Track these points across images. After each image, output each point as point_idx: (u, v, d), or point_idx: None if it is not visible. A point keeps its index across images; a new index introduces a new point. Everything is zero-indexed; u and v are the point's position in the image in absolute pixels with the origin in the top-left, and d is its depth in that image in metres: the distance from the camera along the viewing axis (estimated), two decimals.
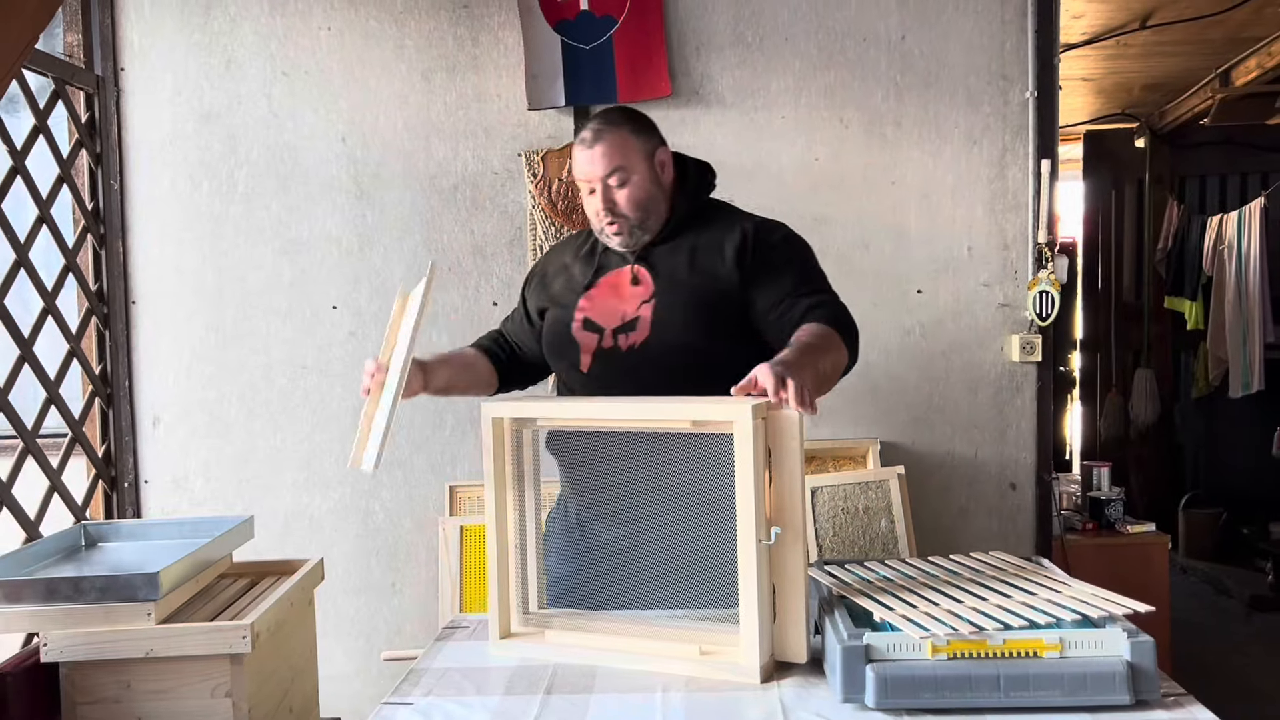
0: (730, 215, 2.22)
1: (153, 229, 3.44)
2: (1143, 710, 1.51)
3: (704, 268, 2.11)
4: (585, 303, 2.16)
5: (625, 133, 2.12)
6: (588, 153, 2.10)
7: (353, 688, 3.38)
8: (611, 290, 2.16)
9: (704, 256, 2.12)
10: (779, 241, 2.14)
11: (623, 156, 2.10)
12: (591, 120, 2.17)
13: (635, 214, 2.11)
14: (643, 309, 2.10)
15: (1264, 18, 4.66)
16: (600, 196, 2.11)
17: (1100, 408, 6.75)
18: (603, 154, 2.09)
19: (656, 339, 2.07)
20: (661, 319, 2.07)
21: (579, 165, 2.13)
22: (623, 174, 2.10)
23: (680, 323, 2.06)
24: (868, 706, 1.53)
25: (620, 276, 2.16)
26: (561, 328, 2.17)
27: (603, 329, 2.12)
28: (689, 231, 2.16)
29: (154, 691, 2.02)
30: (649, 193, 2.13)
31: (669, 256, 2.14)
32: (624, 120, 2.15)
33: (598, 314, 2.14)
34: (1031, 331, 3.37)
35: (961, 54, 3.37)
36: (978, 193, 3.39)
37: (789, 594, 1.66)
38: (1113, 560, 3.66)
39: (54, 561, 2.26)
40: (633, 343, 2.08)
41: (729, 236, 2.13)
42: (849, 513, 3.11)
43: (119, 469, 3.42)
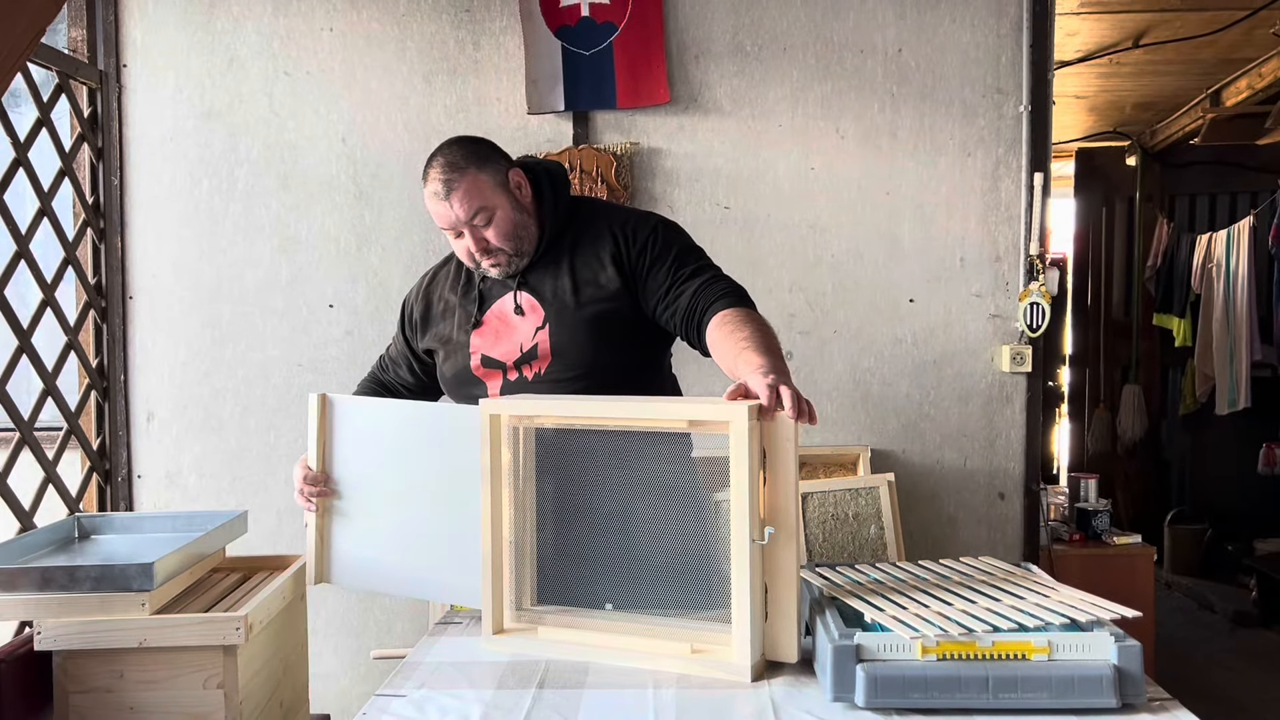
0: (596, 217, 2.20)
1: (152, 225, 3.46)
2: (1129, 714, 1.52)
3: (587, 281, 2.11)
4: (478, 340, 2.16)
5: (473, 173, 2.07)
6: (443, 205, 2.06)
7: (341, 685, 3.39)
8: (501, 323, 2.15)
9: (583, 270, 2.12)
10: (649, 234, 2.14)
11: (480, 197, 2.06)
12: (433, 167, 2.09)
13: (509, 245, 2.10)
14: (538, 337, 2.11)
15: (1254, 39, 4.71)
16: (470, 238, 2.08)
17: (1088, 423, 6.79)
18: (459, 202, 2.05)
19: (559, 363, 2.09)
20: (559, 344, 2.09)
21: (440, 217, 2.09)
22: (485, 214, 2.07)
23: (579, 343, 2.09)
24: (857, 705, 1.54)
25: (505, 308, 2.16)
26: (461, 369, 2.17)
27: (504, 364, 2.13)
28: (561, 243, 2.16)
29: (146, 682, 2.02)
30: (515, 220, 2.11)
31: (549, 277, 2.14)
32: (467, 161, 2.08)
33: (494, 350, 2.14)
34: (1022, 342, 3.40)
35: (957, 67, 3.41)
36: (971, 204, 3.42)
37: (781, 594, 1.68)
38: (1098, 571, 3.69)
39: (47, 552, 2.26)
40: (537, 370, 2.11)
41: (602, 243, 2.13)
42: (839, 519, 3.13)
43: (113, 463, 3.43)
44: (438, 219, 2.10)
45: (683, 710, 1.56)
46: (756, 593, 1.65)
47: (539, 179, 2.19)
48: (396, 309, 3.40)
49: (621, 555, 1.81)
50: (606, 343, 2.10)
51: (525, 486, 1.87)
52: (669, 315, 2.09)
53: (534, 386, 2.10)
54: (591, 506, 1.82)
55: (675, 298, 2.07)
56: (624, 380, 2.11)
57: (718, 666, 1.67)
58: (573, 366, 2.09)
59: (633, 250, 2.11)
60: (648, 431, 1.76)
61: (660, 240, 2.13)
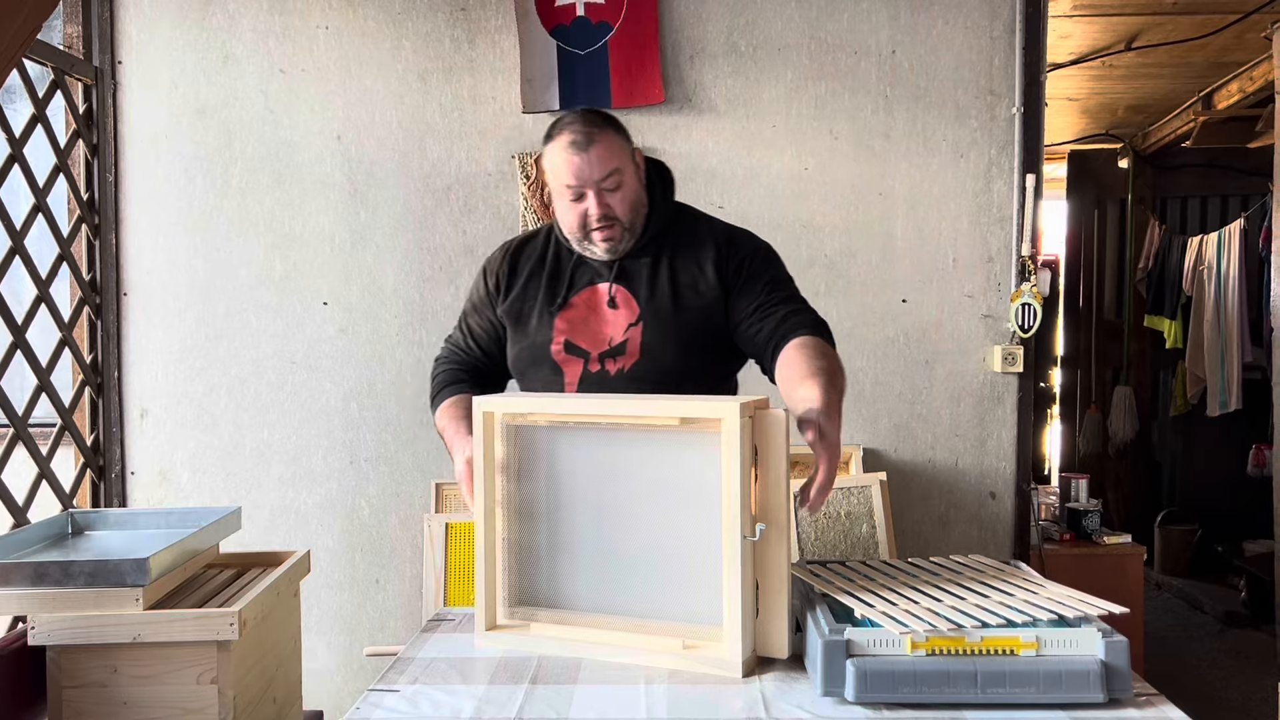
0: (696, 222, 2.17)
1: (146, 221, 3.46)
2: (1116, 708, 1.54)
3: (687, 285, 2.08)
4: (562, 323, 2.10)
5: (612, 133, 2.04)
6: (582, 156, 2.00)
7: (335, 683, 3.40)
8: (590, 311, 2.10)
9: (683, 273, 2.09)
10: (751, 251, 2.12)
11: (617, 158, 2.03)
12: (570, 121, 2.04)
13: (629, 216, 2.05)
14: (630, 333, 2.06)
15: (1246, 43, 4.73)
16: (594, 201, 2.02)
17: (1079, 424, 6.81)
18: (599, 156, 2.00)
19: (647, 363, 2.05)
20: (651, 344, 2.05)
21: (570, 170, 2.01)
22: (617, 176, 2.02)
23: (671, 347, 2.05)
24: (847, 700, 1.56)
25: (596, 296, 2.10)
26: (539, 351, 2.11)
27: (587, 353, 2.08)
28: (661, 242, 2.12)
29: (140, 677, 2.02)
30: (638, 194, 2.08)
31: (646, 273, 2.10)
32: (606, 122, 2.06)
33: (580, 337, 2.09)
34: (1013, 343, 3.42)
35: (951, 69, 3.42)
36: (963, 205, 3.44)
37: (772, 590, 1.69)
38: (1089, 570, 3.71)
39: (41, 548, 2.26)
40: (621, 367, 2.06)
41: (704, 250, 2.10)
42: (830, 517, 3.15)
43: (107, 459, 3.43)
44: (565, 174, 2.01)
45: (674, 706, 1.57)
46: (748, 589, 1.67)
47: (650, 171, 2.16)
48: (390, 307, 3.46)
49: (615, 554, 1.82)
50: (696, 350, 2.07)
51: (520, 484, 1.88)
52: (751, 334, 2.06)
53: (614, 382, 2.06)
54: (586, 504, 1.83)
55: (763, 318, 2.04)
56: (701, 391, 2.06)
57: (709, 663, 1.68)
58: (659, 368, 2.05)
59: (733, 262, 2.09)
60: (643, 428, 1.77)
61: (760, 259, 2.11)
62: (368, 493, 3.49)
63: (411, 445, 3.47)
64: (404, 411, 3.46)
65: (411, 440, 3.47)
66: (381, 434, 3.48)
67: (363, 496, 3.49)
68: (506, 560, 1.85)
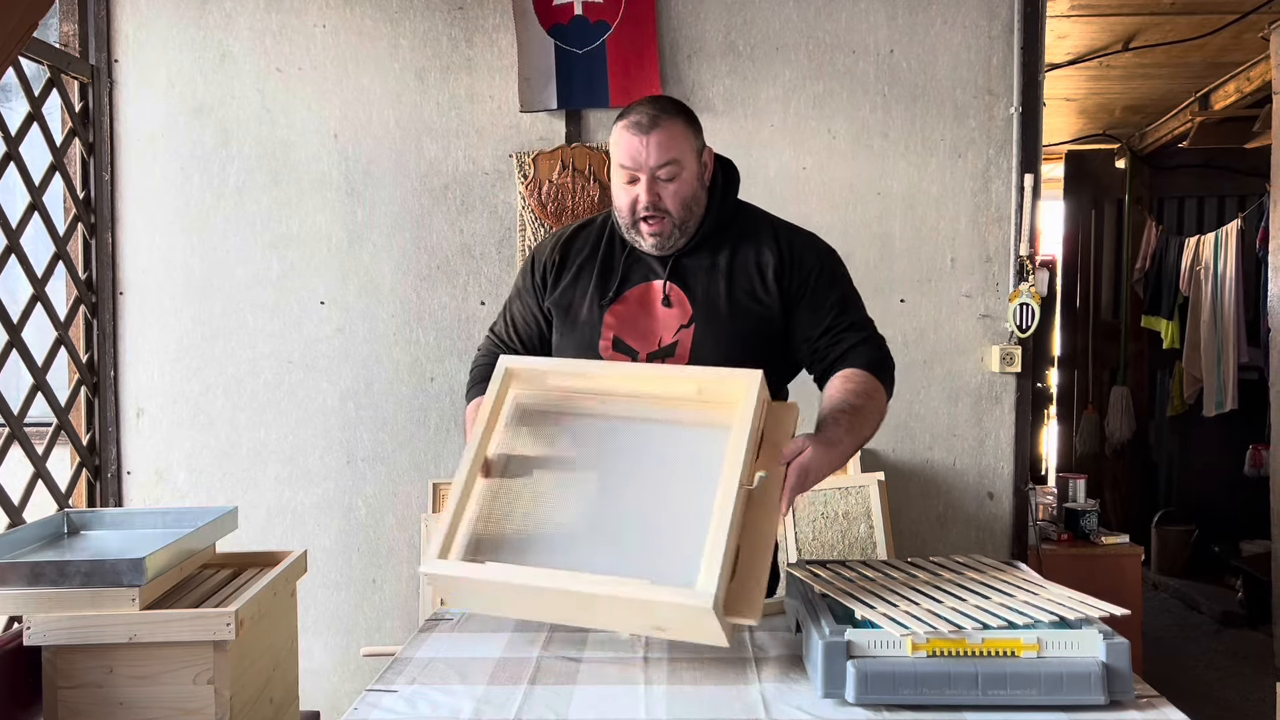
0: (756, 222, 2.09)
1: (143, 220, 3.45)
2: (1117, 710, 1.54)
3: (743, 290, 2.01)
4: (612, 319, 2.03)
5: (680, 124, 1.96)
6: (642, 138, 1.92)
7: (331, 683, 3.39)
8: (641, 308, 2.03)
9: (741, 276, 2.02)
10: (816, 264, 2.03)
11: (677, 149, 1.94)
12: (643, 105, 1.97)
13: (680, 212, 1.97)
14: (681, 335, 2.00)
15: (1243, 43, 4.74)
16: (645, 188, 1.94)
17: (1076, 424, 6.81)
18: (659, 143, 1.92)
19: (695, 366, 1.98)
20: (702, 348, 1.99)
21: (627, 150, 1.94)
22: (674, 167, 1.94)
23: (722, 353, 1.97)
24: (848, 702, 1.55)
25: (649, 293, 2.03)
26: (587, 345, 2.04)
27: (636, 352, 2.01)
28: (720, 240, 2.05)
29: (136, 677, 2.02)
30: (695, 192, 1.99)
31: (702, 273, 2.02)
32: (677, 111, 1.98)
33: (629, 334, 2.02)
34: (1011, 343, 3.42)
35: (949, 69, 3.42)
36: (961, 205, 3.44)
37: (755, 559, 1.66)
38: (1086, 571, 3.71)
39: (36, 547, 2.26)
40: None
41: (764, 254, 2.03)
42: (829, 517, 3.14)
43: (103, 459, 3.42)
44: (622, 154, 1.95)
45: (673, 706, 1.56)
46: (734, 530, 1.60)
47: (717, 171, 2.08)
48: (387, 306, 3.45)
49: (598, 518, 1.74)
50: (749, 358, 1.92)
51: (520, 440, 1.83)
52: (814, 355, 2.02)
53: None
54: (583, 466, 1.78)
55: (830, 343, 2.00)
56: None
57: (679, 594, 1.56)
58: None
59: (798, 273, 2.01)
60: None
61: (825, 272, 2.03)
62: (364, 492, 3.48)
63: (408, 445, 3.46)
64: (401, 411, 3.45)
65: (408, 440, 3.46)
66: (378, 434, 3.48)
67: (360, 496, 3.49)
68: (480, 508, 1.77)
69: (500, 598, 1.71)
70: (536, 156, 3.40)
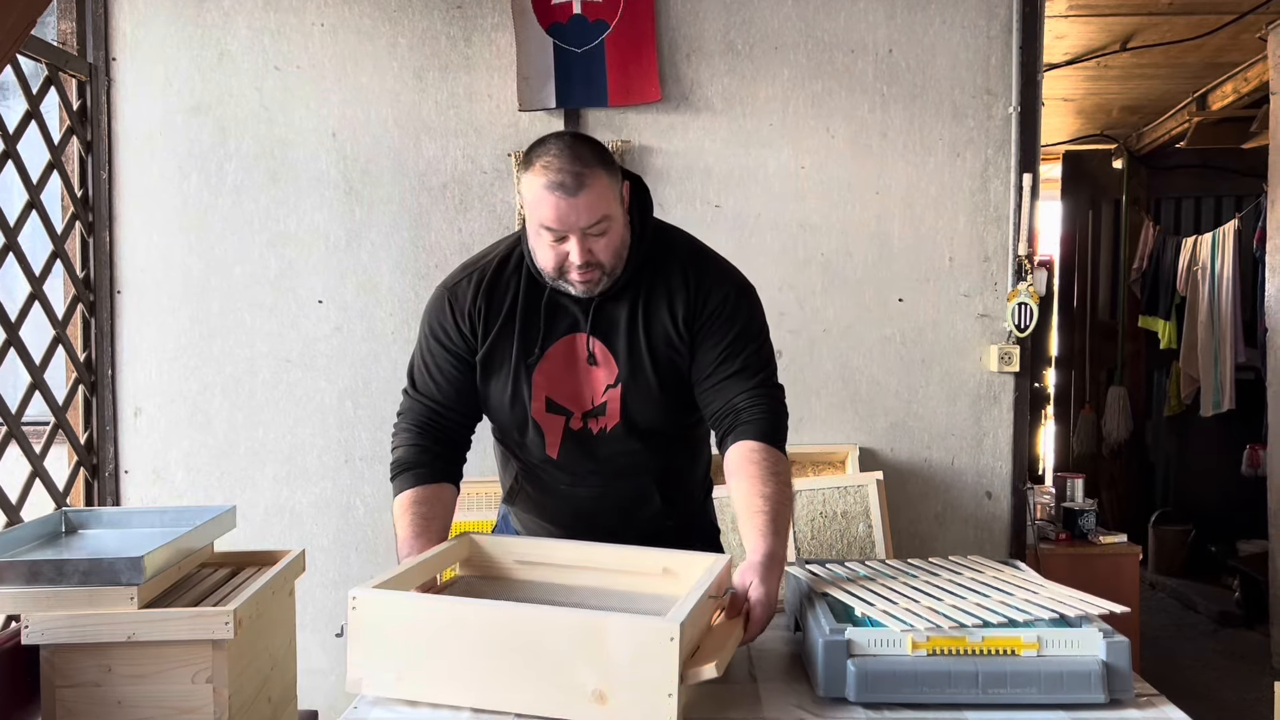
0: (670, 254, 1.97)
1: (140, 219, 3.45)
2: (1117, 709, 1.54)
3: (661, 340, 1.92)
4: (541, 379, 1.93)
5: (603, 175, 1.79)
6: (569, 201, 1.76)
7: (329, 682, 3.38)
8: (566, 366, 1.94)
9: (656, 324, 1.92)
10: (720, 302, 1.93)
11: (606, 204, 1.80)
12: (556, 156, 1.78)
13: (612, 261, 1.86)
14: (609, 394, 1.93)
15: (1240, 44, 4.75)
16: (578, 248, 1.80)
17: (1074, 424, 6.82)
18: (588, 204, 1.77)
19: (627, 423, 1.95)
20: (631, 406, 1.93)
21: (553, 214, 1.77)
22: (606, 223, 1.81)
23: (651, 410, 1.94)
24: (849, 701, 1.56)
25: (574, 348, 1.93)
26: (520, 410, 1.95)
27: (570, 412, 1.95)
28: (639, 277, 1.93)
29: (135, 676, 2.01)
30: (624, 238, 1.88)
31: (624, 322, 1.92)
32: (597, 160, 1.81)
33: (560, 395, 1.94)
34: (1010, 342, 3.42)
35: (947, 68, 3.42)
36: (960, 204, 3.44)
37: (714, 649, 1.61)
38: (1084, 570, 3.71)
39: (34, 546, 2.25)
40: (603, 426, 1.96)
41: (674, 295, 1.93)
42: (827, 516, 3.14)
43: (100, 458, 3.42)
44: (547, 214, 1.78)
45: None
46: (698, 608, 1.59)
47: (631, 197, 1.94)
48: (385, 305, 3.45)
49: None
50: (676, 409, 1.96)
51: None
52: (704, 400, 1.95)
53: (596, 441, 1.97)
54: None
55: (714, 389, 1.92)
56: (680, 439, 2.07)
57: (641, 620, 1.52)
58: (639, 429, 1.96)
59: (702, 313, 1.92)
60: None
61: (728, 311, 1.93)
62: (363, 492, 3.48)
63: None
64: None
65: None
66: (376, 432, 3.47)
67: (358, 495, 3.48)
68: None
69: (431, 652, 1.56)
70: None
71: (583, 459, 1.98)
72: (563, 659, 1.48)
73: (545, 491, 2.07)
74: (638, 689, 1.46)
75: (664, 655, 1.44)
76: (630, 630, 1.47)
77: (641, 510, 2.06)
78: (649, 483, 2.04)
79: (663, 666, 1.44)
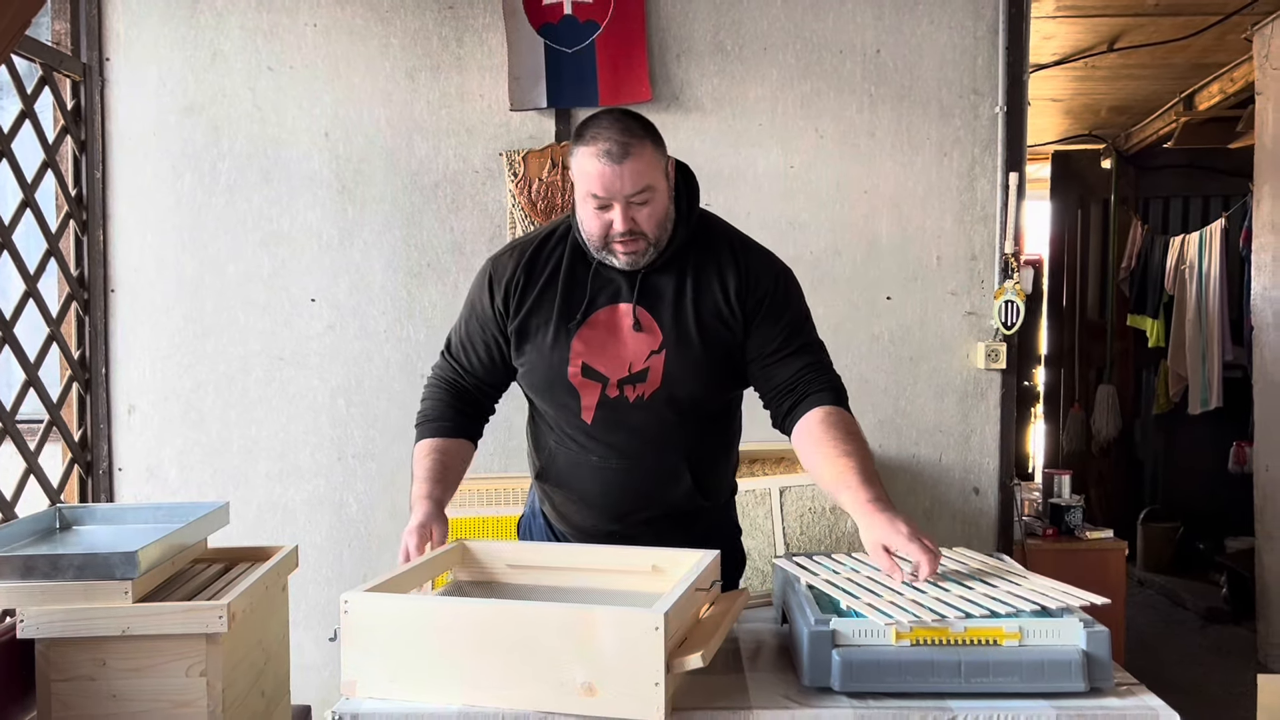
0: (717, 238, 2.04)
1: (134, 218, 3.46)
2: (1097, 697, 1.57)
3: (710, 313, 1.98)
4: (580, 345, 1.97)
5: (650, 147, 1.88)
6: (615, 168, 1.84)
7: (322, 678, 3.40)
8: (609, 333, 1.98)
9: (706, 298, 1.98)
10: (772, 284, 2.01)
11: (651, 174, 1.87)
12: (605, 127, 1.87)
13: (656, 233, 1.92)
14: (652, 361, 1.96)
15: (1226, 44, 4.79)
16: (621, 215, 1.87)
17: (1063, 423, 6.86)
18: (634, 171, 1.85)
19: (668, 391, 1.98)
20: (674, 374, 1.97)
21: (599, 181, 1.85)
22: (649, 192, 1.88)
23: (693, 378, 1.98)
24: (834, 690, 1.58)
25: (617, 316, 1.98)
26: (554, 372, 1.99)
27: (606, 378, 1.98)
28: (685, 256, 2.00)
29: (130, 670, 2.04)
30: (668, 211, 1.94)
31: (671, 293, 1.98)
32: (645, 132, 1.89)
33: (598, 361, 1.97)
34: (997, 339, 3.45)
35: (934, 68, 3.45)
36: (947, 203, 3.47)
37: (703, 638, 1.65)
38: (1071, 565, 3.74)
39: (29, 542, 2.27)
40: (641, 394, 1.98)
41: (725, 273, 1.99)
42: (816, 512, 3.17)
43: (94, 455, 3.43)
44: (595, 183, 1.86)
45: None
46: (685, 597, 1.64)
47: (677, 180, 2.01)
48: (378, 303, 3.47)
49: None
50: (718, 381, 2.01)
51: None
52: (764, 378, 2.00)
53: (632, 408, 1.99)
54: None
55: (776, 365, 1.98)
56: (718, 415, 2.09)
57: (628, 612, 1.54)
58: (680, 398, 1.99)
59: (755, 293, 1.98)
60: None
61: (781, 293, 2.01)
62: (355, 489, 3.50)
63: (399, 441, 3.48)
64: (392, 408, 3.47)
65: (399, 436, 3.48)
66: (369, 430, 3.50)
67: (350, 492, 3.50)
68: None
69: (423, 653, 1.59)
70: (526, 155, 3.42)
71: (616, 428, 2.00)
72: (552, 653, 1.51)
73: (577, 465, 2.07)
74: (625, 679, 1.48)
75: (650, 645, 1.47)
76: (616, 622, 1.50)
77: (672, 489, 2.07)
78: (679, 459, 2.05)
79: (649, 656, 1.47)
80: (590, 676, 1.49)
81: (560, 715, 1.52)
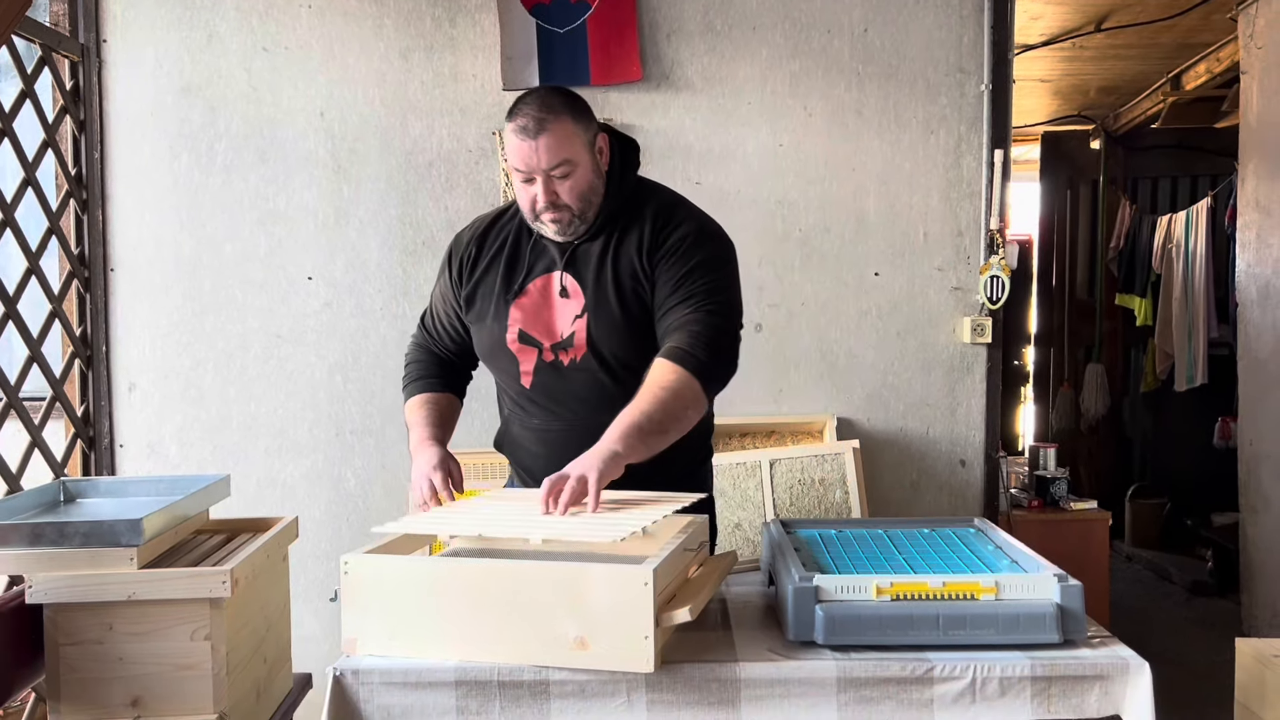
0: (645, 201, 2.11)
1: (133, 197, 3.50)
2: (1070, 649, 1.63)
3: (626, 273, 2.04)
4: (517, 313, 2.08)
5: (568, 121, 1.96)
6: (530, 144, 1.93)
7: (322, 649, 3.44)
8: (542, 300, 2.07)
9: (624, 259, 2.05)
10: (680, 236, 2.04)
11: (568, 149, 1.95)
12: (527, 104, 1.97)
13: (578, 204, 2.00)
14: (576, 324, 2.04)
15: (1212, 24, 4.82)
16: (542, 188, 1.96)
17: (1052, 401, 6.91)
18: (548, 146, 1.93)
19: (594, 353, 2.04)
20: (596, 336, 2.03)
21: (518, 154, 1.95)
22: (567, 166, 1.96)
23: (614, 338, 2.03)
24: (817, 644, 1.64)
25: (549, 284, 2.07)
26: (495, 340, 2.10)
27: (541, 344, 2.07)
28: (615, 224, 2.07)
29: (135, 634, 2.07)
30: (591, 183, 2.01)
31: (595, 259, 2.05)
32: (564, 108, 1.97)
33: (532, 327, 2.07)
34: (982, 314, 3.51)
35: (921, 47, 3.50)
36: (934, 181, 3.52)
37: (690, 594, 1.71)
38: (1056, 536, 3.80)
39: (35, 514, 2.30)
40: (573, 357, 2.05)
41: (645, 230, 2.05)
42: (805, 484, 3.23)
43: (96, 431, 3.48)
44: (515, 157, 1.96)
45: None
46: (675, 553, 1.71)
47: (614, 150, 2.09)
48: (374, 281, 3.52)
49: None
50: (636, 336, 2.04)
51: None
52: (658, 328, 2.04)
53: (567, 371, 2.06)
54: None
55: (662, 316, 2.02)
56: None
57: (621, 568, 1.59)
58: (607, 359, 2.04)
59: (662, 247, 2.03)
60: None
61: (688, 246, 2.03)
62: (353, 464, 3.55)
63: (396, 417, 3.52)
64: (389, 384, 3.52)
65: (396, 412, 3.51)
66: (366, 406, 3.55)
67: (348, 468, 3.56)
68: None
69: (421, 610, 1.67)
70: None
71: (554, 392, 2.08)
72: (545, 609, 1.58)
73: (524, 429, 2.16)
74: (616, 633, 1.55)
75: (640, 599, 1.54)
76: (608, 578, 1.56)
77: None
78: None
79: (639, 610, 1.54)
80: (583, 631, 1.56)
81: (554, 668, 1.59)
